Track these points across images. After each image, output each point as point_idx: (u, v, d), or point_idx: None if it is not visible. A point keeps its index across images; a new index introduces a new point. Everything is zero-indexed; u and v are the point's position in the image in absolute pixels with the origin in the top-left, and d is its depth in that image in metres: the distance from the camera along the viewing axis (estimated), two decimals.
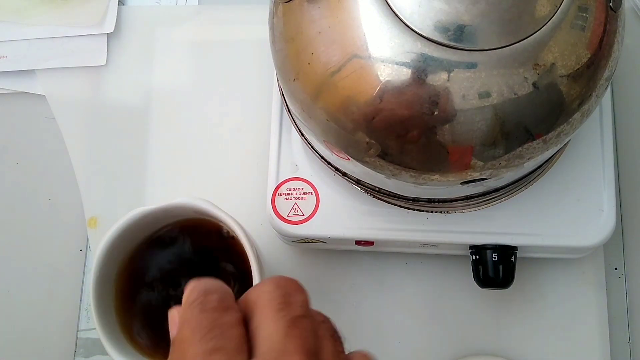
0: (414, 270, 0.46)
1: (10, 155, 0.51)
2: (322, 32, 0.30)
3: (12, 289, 0.48)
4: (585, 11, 0.30)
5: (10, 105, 0.52)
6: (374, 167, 0.33)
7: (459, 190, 0.37)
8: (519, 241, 0.39)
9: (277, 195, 0.41)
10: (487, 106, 0.29)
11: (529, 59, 0.29)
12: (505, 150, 0.30)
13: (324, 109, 0.31)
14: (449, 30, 0.29)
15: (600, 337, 0.44)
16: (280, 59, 0.33)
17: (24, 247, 0.49)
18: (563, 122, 0.31)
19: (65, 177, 0.49)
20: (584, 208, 0.40)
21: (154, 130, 0.50)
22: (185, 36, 0.52)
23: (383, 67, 0.29)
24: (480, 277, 0.40)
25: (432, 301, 0.45)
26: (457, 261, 0.45)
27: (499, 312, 0.45)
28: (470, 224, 0.40)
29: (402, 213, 0.40)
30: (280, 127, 0.42)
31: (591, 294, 0.45)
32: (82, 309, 0.47)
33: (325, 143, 0.34)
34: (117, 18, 0.52)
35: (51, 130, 0.50)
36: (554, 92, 0.30)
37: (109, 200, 0.49)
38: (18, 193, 0.50)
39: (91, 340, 0.46)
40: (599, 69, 0.31)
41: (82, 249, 0.48)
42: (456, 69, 0.29)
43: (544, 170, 0.39)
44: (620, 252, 0.46)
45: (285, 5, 0.32)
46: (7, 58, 0.51)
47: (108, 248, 0.36)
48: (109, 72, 0.51)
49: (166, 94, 0.51)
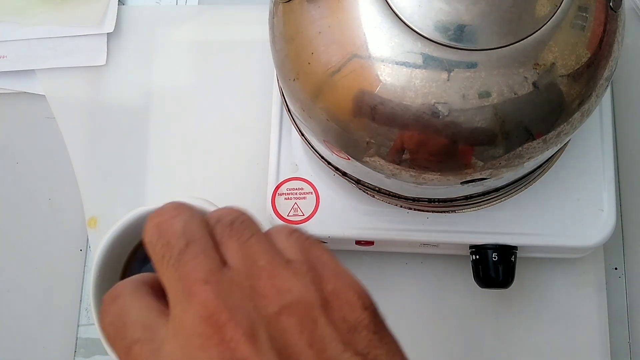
0: (414, 270, 0.46)
1: (10, 155, 0.51)
2: (322, 31, 0.30)
3: (12, 289, 0.48)
4: (585, 11, 0.30)
5: (10, 105, 0.52)
6: (374, 167, 0.33)
7: (459, 190, 0.37)
8: (519, 241, 0.39)
9: (277, 195, 0.41)
10: (487, 106, 0.29)
11: (529, 59, 0.29)
12: (505, 150, 0.30)
13: (324, 108, 0.31)
14: (449, 30, 0.29)
15: (600, 337, 0.44)
16: (280, 59, 0.33)
17: (24, 247, 0.49)
18: (563, 122, 0.31)
19: (65, 177, 0.49)
20: (584, 208, 0.40)
21: (154, 130, 0.50)
22: (185, 36, 0.52)
23: (383, 66, 0.29)
24: (481, 277, 0.40)
25: (432, 301, 0.45)
26: (457, 261, 0.45)
27: (499, 312, 0.45)
28: (470, 224, 0.40)
29: (402, 213, 0.40)
30: (280, 127, 0.42)
31: (591, 293, 0.45)
32: (82, 309, 0.47)
33: (325, 143, 0.34)
34: (117, 18, 0.52)
35: (51, 130, 0.50)
36: (554, 91, 0.30)
37: (109, 200, 0.49)
38: (18, 193, 0.50)
39: (91, 340, 0.46)
40: (599, 68, 0.31)
41: (82, 249, 0.48)
42: (456, 68, 0.29)
43: (544, 170, 0.39)
44: (621, 252, 0.46)
45: (285, 5, 0.32)
46: (7, 58, 0.51)
47: (108, 248, 0.35)
48: (109, 72, 0.51)
49: (166, 94, 0.51)
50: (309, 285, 0.22)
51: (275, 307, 0.21)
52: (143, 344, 0.21)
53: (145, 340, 0.21)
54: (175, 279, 0.22)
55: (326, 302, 0.22)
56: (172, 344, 0.21)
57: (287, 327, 0.21)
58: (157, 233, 0.23)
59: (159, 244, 0.23)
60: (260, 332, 0.20)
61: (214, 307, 0.21)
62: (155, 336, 0.21)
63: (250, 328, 0.20)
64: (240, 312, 0.21)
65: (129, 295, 0.23)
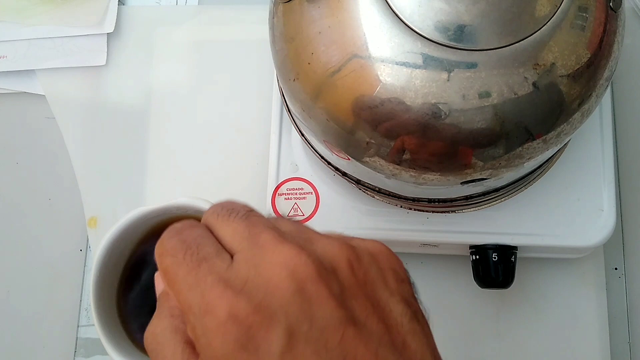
0: (413, 271, 0.45)
1: (10, 155, 0.51)
2: (322, 32, 0.30)
3: (12, 289, 0.48)
4: (585, 11, 0.30)
5: (10, 105, 0.52)
6: (374, 167, 0.33)
7: (459, 190, 0.37)
8: (519, 241, 0.39)
9: (277, 195, 0.41)
10: (487, 106, 0.29)
11: (529, 59, 0.29)
12: (505, 150, 0.30)
13: (324, 108, 0.31)
14: (449, 30, 0.29)
15: (601, 337, 0.44)
16: (280, 59, 0.33)
17: (24, 247, 0.49)
18: (563, 122, 0.31)
19: (65, 177, 0.49)
20: (584, 208, 0.39)
21: (154, 130, 0.50)
22: (185, 36, 0.52)
23: (383, 67, 0.29)
24: (481, 277, 0.40)
25: (432, 301, 0.45)
26: (457, 261, 0.45)
27: (499, 312, 0.45)
28: (470, 224, 0.40)
29: (402, 213, 0.40)
30: (280, 127, 0.42)
31: (591, 294, 0.45)
32: (82, 309, 0.47)
33: (325, 143, 0.34)
34: (117, 18, 0.52)
35: (51, 130, 0.50)
36: (554, 92, 0.30)
37: (109, 200, 0.49)
38: (18, 193, 0.50)
39: (91, 340, 0.46)
40: (599, 68, 0.31)
41: (82, 249, 0.48)
42: (456, 68, 0.29)
43: (544, 170, 0.39)
44: (621, 252, 0.46)
45: (285, 5, 0.32)
46: (7, 58, 0.51)
47: (108, 248, 0.35)
48: (109, 72, 0.51)
49: (166, 94, 0.51)
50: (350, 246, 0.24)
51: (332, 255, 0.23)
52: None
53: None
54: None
55: (373, 257, 0.24)
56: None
57: (341, 270, 0.22)
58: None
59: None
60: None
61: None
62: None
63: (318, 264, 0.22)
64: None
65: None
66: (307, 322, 0.20)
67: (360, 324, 0.21)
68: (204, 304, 0.21)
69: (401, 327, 0.22)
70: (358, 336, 0.21)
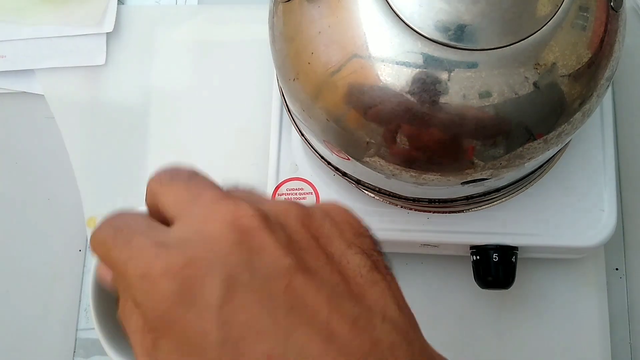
0: (413, 271, 0.46)
1: (10, 155, 0.51)
2: (322, 31, 0.30)
3: (12, 289, 0.48)
4: (586, 11, 0.30)
5: (9, 105, 0.52)
6: (374, 167, 0.33)
7: (460, 191, 0.37)
8: (520, 241, 0.39)
9: (277, 195, 0.41)
10: (488, 106, 0.29)
11: (529, 59, 0.29)
12: (505, 150, 0.30)
13: (324, 108, 0.31)
14: (450, 29, 0.28)
15: (601, 338, 0.44)
16: (280, 59, 0.33)
17: (23, 247, 0.49)
18: (564, 122, 0.31)
19: (65, 177, 0.49)
20: (585, 208, 0.39)
21: (153, 130, 0.50)
22: (185, 36, 0.52)
23: (383, 66, 0.29)
24: (481, 277, 0.40)
25: (433, 302, 0.45)
26: (457, 262, 0.45)
27: (500, 312, 0.45)
28: (471, 225, 0.40)
29: (403, 213, 0.40)
30: (280, 127, 0.42)
31: (592, 294, 0.44)
32: (81, 309, 0.47)
33: (325, 143, 0.34)
34: (117, 17, 0.52)
35: (51, 130, 0.50)
36: (555, 91, 0.30)
37: (108, 200, 0.49)
38: (17, 193, 0.50)
39: (90, 340, 0.46)
40: (600, 68, 0.31)
41: (82, 249, 0.48)
42: (457, 68, 0.28)
43: (545, 170, 0.39)
44: (621, 253, 0.46)
45: (285, 4, 0.32)
46: (6, 58, 0.51)
47: None
48: (108, 71, 0.51)
49: (166, 94, 0.51)
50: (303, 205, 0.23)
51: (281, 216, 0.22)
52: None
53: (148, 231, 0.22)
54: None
55: (327, 213, 0.23)
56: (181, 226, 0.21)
57: (290, 224, 0.21)
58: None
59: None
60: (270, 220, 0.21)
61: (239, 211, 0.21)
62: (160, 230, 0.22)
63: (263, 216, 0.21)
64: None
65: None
66: (248, 272, 0.20)
67: (311, 272, 0.20)
68: (139, 269, 0.20)
69: (360, 278, 0.21)
70: (308, 284, 0.20)
